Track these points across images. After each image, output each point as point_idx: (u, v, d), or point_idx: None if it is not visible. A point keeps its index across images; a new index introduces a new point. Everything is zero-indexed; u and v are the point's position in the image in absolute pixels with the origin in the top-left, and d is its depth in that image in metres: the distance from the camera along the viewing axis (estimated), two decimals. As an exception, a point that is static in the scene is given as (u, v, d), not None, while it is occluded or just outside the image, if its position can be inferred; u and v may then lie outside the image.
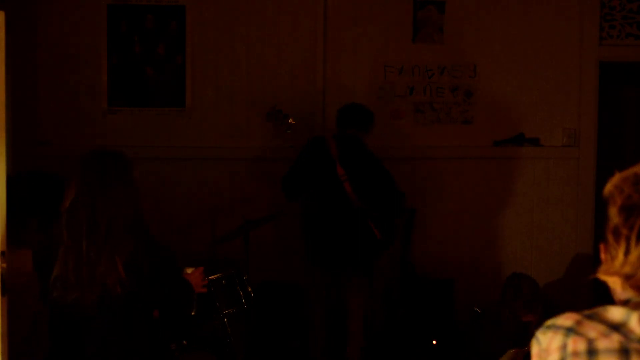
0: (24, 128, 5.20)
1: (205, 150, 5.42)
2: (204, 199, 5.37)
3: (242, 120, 5.44)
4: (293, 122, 4.78)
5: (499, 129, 5.57)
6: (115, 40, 5.36)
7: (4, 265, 2.82)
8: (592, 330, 1.39)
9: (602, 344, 1.36)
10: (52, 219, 3.04)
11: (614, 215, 1.43)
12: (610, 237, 1.43)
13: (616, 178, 1.46)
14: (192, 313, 3.38)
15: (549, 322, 1.46)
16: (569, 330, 1.41)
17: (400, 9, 5.48)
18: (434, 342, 5.03)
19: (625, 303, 1.43)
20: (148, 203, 3.07)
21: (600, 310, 1.43)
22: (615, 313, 1.40)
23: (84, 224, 2.70)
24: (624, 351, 1.35)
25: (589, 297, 5.36)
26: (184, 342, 4.01)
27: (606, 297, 1.52)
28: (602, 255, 1.47)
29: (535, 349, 1.46)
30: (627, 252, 1.40)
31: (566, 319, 1.43)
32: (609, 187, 1.45)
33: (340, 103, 5.14)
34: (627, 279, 1.41)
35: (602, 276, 1.44)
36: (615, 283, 1.43)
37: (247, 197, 5.38)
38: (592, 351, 1.36)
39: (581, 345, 1.38)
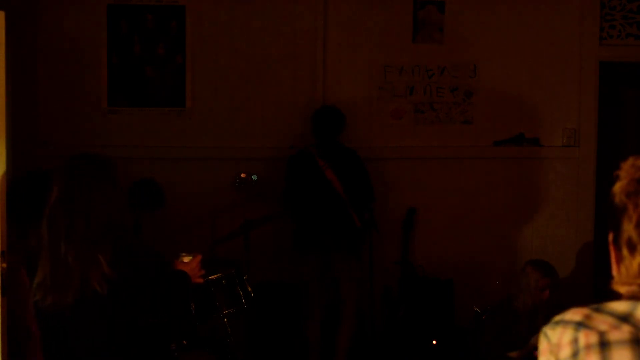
0: (24, 128, 5.19)
1: (205, 150, 5.42)
2: (204, 199, 5.36)
3: (242, 120, 5.45)
4: (256, 178, 5.18)
5: (499, 129, 5.57)
6: (115, 40, 5.35)
7: (4, 265, 2.81)
8: (602, 322, 1.42)
9: (613, 335, 1.39)
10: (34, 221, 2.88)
11: (629, 229, 1.46)
12: (624, 249, 1.47)
13: (626, 184, 1.47)
14: (192, 307, 3.34)
15: (557, 318, 1.48)
16: (579, 325, 1.43)
17: (400, 9, 5.47)
18: (434, 342, 5.03)
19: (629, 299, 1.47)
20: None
21: (605, 304, 1.46)
22: (620, 305, 1.44)
23: (62, 225, 2.62)
24: (635, 341, 1.38)
25: (588, 296, 5.36)
26: (184, 342, 4.02)
27: (606, 297, 1.53)
28: (614, 265, 1.51)
29: (543, 345, 1.48)
30: None
31: (574, 314, 1.46)
32: (621, 197, 1.48)
33: (340, 103, 5.14)
34: None
35: (617, 287, 1.48)
36: (624, 290, 1.48)
37: (246, 197, 5.37)
38: (604, 343, 1.39)
39: (593, 338, 1.40)
